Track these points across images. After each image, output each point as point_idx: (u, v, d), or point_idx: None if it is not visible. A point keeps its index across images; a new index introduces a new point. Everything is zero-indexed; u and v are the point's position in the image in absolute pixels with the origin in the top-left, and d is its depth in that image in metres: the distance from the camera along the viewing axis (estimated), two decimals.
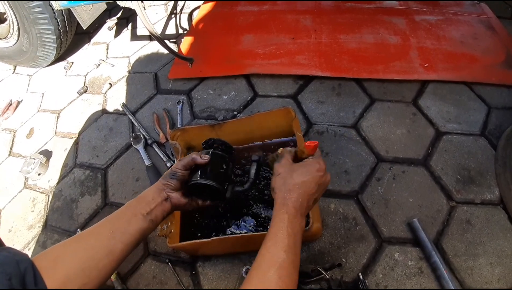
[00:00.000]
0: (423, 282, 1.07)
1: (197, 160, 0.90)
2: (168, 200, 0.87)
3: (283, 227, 0.72)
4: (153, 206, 0.83)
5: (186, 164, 0.90)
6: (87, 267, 0.68)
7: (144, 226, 0.80)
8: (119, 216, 0.80)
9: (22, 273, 0.58)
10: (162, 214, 0.86)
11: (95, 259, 0.70)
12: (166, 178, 0.89)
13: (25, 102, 2.03)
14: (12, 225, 1.49)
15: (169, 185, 0.88)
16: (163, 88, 1.84)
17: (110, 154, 1.60)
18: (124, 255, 0.76)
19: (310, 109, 1.57)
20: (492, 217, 1.17)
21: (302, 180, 0.77)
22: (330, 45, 1.79)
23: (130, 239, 0.76)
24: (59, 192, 1.54)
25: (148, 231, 0.82)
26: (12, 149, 1.80)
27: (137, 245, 0.80)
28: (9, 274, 0.56)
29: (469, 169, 1.30)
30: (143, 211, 0.81)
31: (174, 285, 1.17)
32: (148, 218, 0.81)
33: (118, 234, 0.75)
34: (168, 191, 0.87)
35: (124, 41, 2.22)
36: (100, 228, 0.77)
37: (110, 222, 0.78)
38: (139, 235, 0.79)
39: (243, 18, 2.07)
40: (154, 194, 0.86)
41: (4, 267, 0.57)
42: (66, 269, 0.65)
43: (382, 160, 1.36)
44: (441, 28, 1.82)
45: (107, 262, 0.71)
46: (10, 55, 2.11)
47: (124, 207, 0.82)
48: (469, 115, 1.46)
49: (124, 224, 0.77)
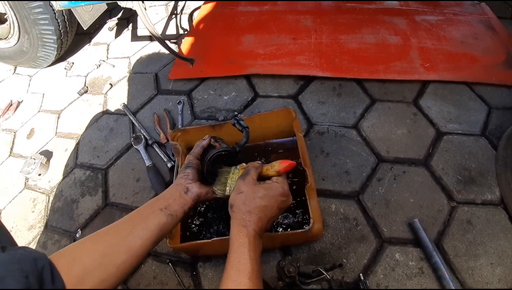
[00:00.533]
0: (424, 283, 1.07)
1: (203, 144, 0.96)
2: (188, 192, 0.86)
3: (245, 252, 0.71)
4: (171, 201, 0.83)
5: (196, 153, 0.94)
6: (105, 263, 0.68)
7: (163, 221, 0.79)
8: (138, 213, 0.80)
9: (39, 270, 0.58)
10: (183, 208, 0.84)
11: (113, 256, 0.70)
12: (183, 170, 0.90)
13: (26, 103, 2.03)
14: (13, 226, 1.49)
15: (187, 176, 0.88)
16: (163, 89, 1.84)
17: (110, 155, 1.60)
18: (144, 252, 0.75)
19: (311, 110, 1.57)
20: (493, 217, 1.17)
21: (264, 204, 0.77)
22: (331, 46, 1.79)
23: (149, 235, 0.76)
24: (60, 193, 1.54)
25: (168, 227, 0.81)
26: (13, 150, 1.80)
27: (157, 241, 0.79)
28: (26, 271, 0.56)
29: (470, 169, 1.29)
30: (160, 206, 0.81)
31: (175, 285, 1.17)
32: (166, 212, 0.80)
33: (137, 230, 0.75)
34: (187, 182, 0.87)
35: (125, 42, 2.22)
36: (118, 225, 0.77)
37: (129, 219, 0.79)
38: (158, 231, 0.78)
39: (243, 18, 2.07)
40: (171, 190, 0.86)
41: (21, 264, 0.56)
42: (83, 265, 0.65)
43: (383, 160, 1.36)
44: (441, 28, 1.82)
45: (125, 258, 0.71)
46: (10, 56, 2.11)
47: (143, 206, 0.83)
48: (469, 115, 1.46)
49: (143, 220, 0.78)
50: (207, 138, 0.97)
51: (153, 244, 0.78)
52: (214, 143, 0.98)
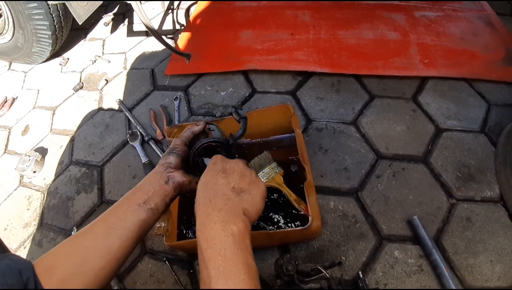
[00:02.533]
0: (423, 280, 1.06)
1: (194, 129, 0.86)
2: (170, 182, 0.77)
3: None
4: (151, 194, 0.74)
5: (184, 138, 0.85)
6: (82, 271, 0.64)
7: (142, 217, 0.72)
8: (114, 211, 0.73)
9: (24, 282, 0.56)
10: (164, 200, 0.76)
11: (90, 262, 0.65)
12: (165, 157, 0.81)
13: (21, 99, 2.00)
14: (8, 224, 1.47)
15: (168, 164, 0.79)
16: (160, 85, 1.82)
17: (106, 151, 1.58)
18: (124, 253, 0.69)
19: (309, 106, 1.55)
20: (492, 214, 1.17)
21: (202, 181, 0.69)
22: (329, 41, 1.77)
23: (128, 234, 0.69)
24: (55, 190, 1.52)
25: (149, 222, 0.74)
26: (7, 146, 1.78)
27: (138, 240, 0.73)
28: (11, 285, 0.54)
29: (469, 166, 1.29)
30: (139, 201, 0.73)
31: (172, 283, 1.16)
32: (145, 207, 0.73)
33: (113, 230, 0.69)
34: (169, 170, 0.78)
35: (121, 37, 2.20)
36: (94, 227, 0.70)
37: (104, 219, 0.71)
38: (138, 229, 0.71)
39: (241, 13, 2.05)
40: (151, 180, 0.77)
41: (6, 278, 0.55)
42: (61, 274, 0.62)
43: (382, 157, 1.35)
44: (440, 25, 1.81)
45: (104, 264, 0.66)
46: (5, 52, 2.09)
47: (119, 200, 0.75)
48: (469, 112, 1.45)
49: (119, 219, 0.70)
50: (201, 124, 0.88)
51: (133, 244, 0.71)
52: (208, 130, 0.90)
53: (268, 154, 1.20)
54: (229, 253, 0.57)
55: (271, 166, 1.17)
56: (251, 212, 0.65)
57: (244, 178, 0.69)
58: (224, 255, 0.57)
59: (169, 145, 0.85)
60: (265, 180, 1.15)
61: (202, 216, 0.62)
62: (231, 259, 0.57)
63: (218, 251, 0.58)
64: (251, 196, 0.67)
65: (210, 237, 0.59)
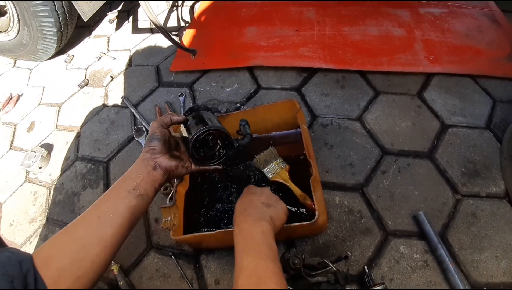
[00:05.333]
0: (428, 275, 1.06)
1: (174, 118, 0.89)
2: (157, 168, 0.81)
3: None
4: (140, 180, 0.77)
5: (162, 122, 0.87)
6: (78, 259, 0.65)
7: (133, 203, 0.74)
8: (105, 199, 0.75)
9: (24, 274, 0.58)
10: (153, 185, 0.80)
11: (85, 250, 0.66)
12: (147, 144, 0.84)
13: (26, 96, 2.01)
14: (14, 219, 1.48)
15: (153, 150, 0.82)
16: (165, 81, 1.82)
17: (112, 147, 1.59)
18: (118, 240, 0.72)
19: (314, 102, 1.55)
20: (498, 210, 1.16)
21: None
22: (334, 37, 1.77)
23: (120, 221, 0.72)
24: (61, 186, 1.52)
25: (140, 208, 0.77)
26: (13, 143, 1.79)
27: (131, 226, 0.75)
28: (12, 276, 0.55)
29: (475, 162, 1.28)
30: (129, 187, 0.76)
31: (177, 278, 1.17)
32: (135, 193, 0.75)
33: (106, 218, 0.71)
34: (154, 156, 0.82)
35: (125, 34, 2.21)
36: (86, 216, 0.72)
37: (95, 208, 0.74)
38: (130, 215, 0.74)
39: (245, 10, 2.05)
40: (138, 167, 0.80)
41: (6, 268, 0.56)
42: (57, 265, 0.63)
43: (387, 152, 1.35)
44: (445, 21, 1.80)
45: (98, 251, 0.68)
46: (10, 49, 2.10)
47: (109, 189, 0.77)
48: (474, 108, 1.45)
49: (111, 206, 0.73)
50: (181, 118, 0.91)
51: (126, 230, 0.73)
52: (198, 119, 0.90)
53: (273, 149, 1.21)
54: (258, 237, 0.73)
55: (276, 162, 1.19)
56: (276, 221, 0.81)
57: (271, 197, 0.88)
58: (254, 238, 0.73)
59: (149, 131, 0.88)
60: (270, 176, 1.17)
61: (239, 219, 0.79)
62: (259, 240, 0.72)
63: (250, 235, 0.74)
64: (276, 209, 0.84)
65: (244, 229, 0.75)
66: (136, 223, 0.78)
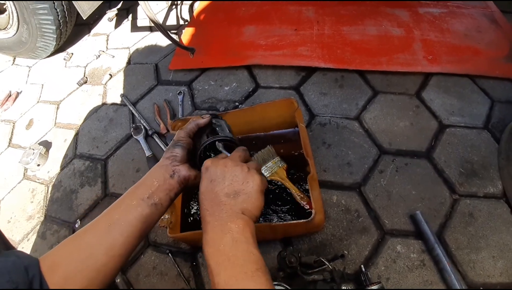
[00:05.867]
0: (425, 275, 1.06)
1: (199, 122, 0.83)
2: (175, 176, 0.75)
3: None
4: (155, 188, 0.72)
5: (189, 130, 0.82)
6: (85, 268, 0.62)
7: (146, 212, 0.70)
8: (117, 206, 0.71)
9: (29, 280, 0.56)
10: (168, 194, 0.74)
11: (93, 259, 0.64)
12: (170, 150, 0.78)
13: (25, 93, 2.01)
14: (11, 216, 1.48)
15: (174, 157, 0.76)
16: (163, 79, 1.82)
17: (110, 145, 1.59)
18: (128, 250, 0.68)
19: (313, 101, 1.55)
20: (495, 210, 1.17)
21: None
22: (333, 37, 1.77)
23: (131, 230, 0.68)
24: (59, 183, 1.53)
25: (153, 217, 0.72)
26: (11, 140, 1.79)
27: (142, 235, 0.71)
28: (16, 282, 0.54)
29: (472, 162, 1.29)
30: (142, 195, 0.71)
31: (174, 276, 1.17)
32: (149, 202, 0.70)
33: (116, 226, 0.67)
34: (174, 164, 0.76)
35: (125, 32, 2.20)
36: (97, 223, 0.69)
37: (107, 215, 0.70)
38: (141, 224, 0.69)
39: (244, 9, 2.05)
40: (155, 173, 0.75)
41: (11, 275, 0.54)
42: (63, 272, 0.61)
43: (385, 152, 1.35)
44: (445, 21, 1.80)
45: (107, 260, 0.65)
46: (9, 46, 2.10)
47: (123, 195, 0.73)
48: (472, 108, 1.45)
49: (122, 215, 0.69)
50: (206, 117, 0.84)
51: (137, 240, 0.69)
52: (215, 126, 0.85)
53: (271, 148, 1.22)
54: (228, 247, 0.59)
55: (274, 160, 1.19)
56: (251, 210, 0.66)
57: (235, 179, 0.67)
58: (223, 250, 0.59)
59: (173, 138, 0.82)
60: (268, 174, 1.17)
61: (204, 225, 0.65)
62: (229, 251, 0.59)
63: (217, 247, 0.60)
64: (246, 195, 0.66)
65: (211, 239, 0.62)
66: (148, 232, 0.74)
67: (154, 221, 0.73)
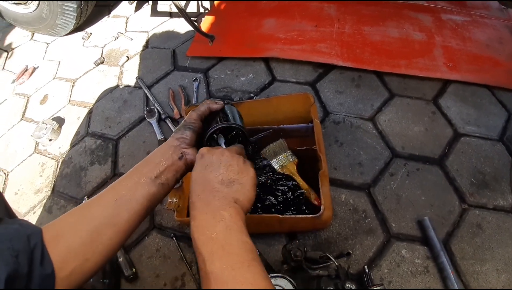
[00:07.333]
0: (428, 281, 1.05)
1: (212, 106, 0.83)
2: (183, 158, 0.76)
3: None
4: (163, 168, 0.73)
5: (201, 113, 0.81)
6: (90, 240, 0.62)
7: (153, 191, 0.70)
8: (124, 181, 0.71)
9: (31, 248, 0.55)
10: (175, 175, 0.75)
11: (97, 231, 0.64)
12: (180, 131, 0.78)
13: (41, 69, 2.03)
14: (19, 188, 1.50)
15: (184, 139, 0.77)
16: (180, 65, 1.82)
17: (122, 126, 1.60)
18: (132, 225, 0.69)
19: (328, 98, 1.54)
20: (503, 223, 1.15)
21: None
22: (353, 36, 1.76)
23: (137, 207, 0.68)
24: (69, 159, 1.54)
25: (158, 197, 0.73)
26: (25, 114, 1.81)
27: (147, 213, 0.72)
28: (17, 250, 0.53)
29: (484, 173, 1.27)
30: (150, 174, 0.71)
31: (177, 260, 1.17)
32: (157, 181, 0.71)
33: (123, 202, 0.67)
34: (183, 146, 0.76)
35: (144, 16, 2.20)
36: (103, 196, 0.69)
37: (114, 189, 0.70)
38: (148, 202, 0.70)
39: (265, 1, 2.04)
40: (164, 153, 0.75)
41: (13, 242, 0.53)
42: (67, 243, 0.60)
43: (397, 155, 1.34)
44: (467, 29, 1.78)
45: (111, 234, 0.65)
46: (29, 21, 2.11)
47: (130, 171, 0.73)
48: (488, 119, 1.43)
49: (129, 191, 0.69)
50: (220, 103, 0.84)
51: (141, 217, 0.70)
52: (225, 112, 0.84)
53: (283, 141, 1.21)
54: (221, 235, 0.57)
55: (285, 154, 1.19)
56: (242, 201, 0.64)
57: (231, 168, 0.67)
58: (216, 238, 0.57)
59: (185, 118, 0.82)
60: (278, 167, 1.17)
61: (193, 211, 0.63)
62: (223, 239, 0.56)
63: (209, 235, 0.57)
64: (241, 185, 0.66)
65: (201, 226, 0.59)
66: (152, 210, 0.74)
67: (159, 199, 0.74)
